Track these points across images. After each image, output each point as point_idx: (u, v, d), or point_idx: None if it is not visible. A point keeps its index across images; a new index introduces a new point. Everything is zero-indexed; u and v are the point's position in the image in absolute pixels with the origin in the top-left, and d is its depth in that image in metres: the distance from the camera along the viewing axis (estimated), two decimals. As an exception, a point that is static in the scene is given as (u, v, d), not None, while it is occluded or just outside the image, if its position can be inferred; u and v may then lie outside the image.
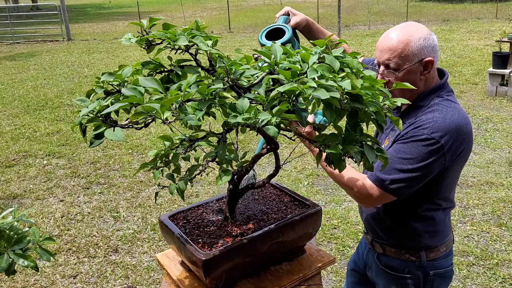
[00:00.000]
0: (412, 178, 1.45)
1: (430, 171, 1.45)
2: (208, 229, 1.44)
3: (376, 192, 1.48)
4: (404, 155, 1.45)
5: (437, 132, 1.42)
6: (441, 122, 1.44)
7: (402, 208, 1.58)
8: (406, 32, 1.48)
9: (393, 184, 1.46)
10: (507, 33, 7.07)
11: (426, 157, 1.43)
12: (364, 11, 17.88)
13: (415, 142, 1.44)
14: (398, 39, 1.47)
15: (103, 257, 3.38)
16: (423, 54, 1.48)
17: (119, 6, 30.81)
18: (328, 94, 1.02)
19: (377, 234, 1.69)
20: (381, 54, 1.51)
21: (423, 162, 1.43)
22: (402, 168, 1.44)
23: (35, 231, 1.03)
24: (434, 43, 1.50)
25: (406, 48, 1.46)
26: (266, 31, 1.71)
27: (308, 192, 4.22)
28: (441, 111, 1.47)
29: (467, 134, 1.47)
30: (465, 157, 1.52)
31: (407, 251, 1.63)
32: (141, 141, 5.80)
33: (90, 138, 1.07)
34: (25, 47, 15.16)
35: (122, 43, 1.18)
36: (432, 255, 1.63)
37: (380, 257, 1.71)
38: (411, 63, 1.47)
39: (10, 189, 4.60)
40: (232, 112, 1.07)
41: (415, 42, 1.46)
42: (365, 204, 1.57)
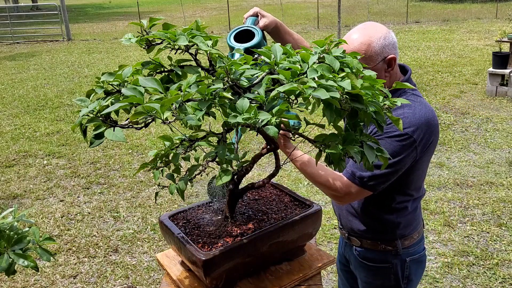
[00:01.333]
0: (388, 173, 1.49)
1: (404, 165, 1.51)
2: (208, 229, 1.44)
3: (353, 189, 1.51)
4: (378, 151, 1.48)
5: (410, 128, 1.47)
6: (412, 117, 1.48)
7: (375, 202, 1.63)
8: (367, 33, 1.52)
9: (370, 181, 1.49)
10: (507, 33, 7.07)
11: (400, 152, 1.47)
12: (364, 11, 17.89)
13: (389, 138, 1.48)
14: (360, 41, 1.52)
15: (103, 257, 3.38)
16: (385, 52, 1.52)
17: (119, 6, 30.81)
18: (328, 94, 1.02)
19: (352, 229, 1.74)
20: None
21: (398, 157, 1.47)
22: (378, 164, 1.46)
23: (35, 231, 1.03)
24: (394, 40, 1.55)
25: (369, 49, 1.51)
26: (235, 32, 1.66)
27: (308, 192, 4.22)
28: (410, 106, 1.51)
29: (435, 126, 1.54)
30: (433, 147, 1.58)
31: (383, 241, 1.68)
32: (141, 141, 5.80)
33: (90, 138, 1.07)
34: (25, 47, 15.16)
35: (122, 43, 1.18)
36: (406, 243, 1.68)
37: (358, 250, 1.75)
38: (376, 63, 1.52)
39: (10, 189, 4.60)
40: (232, 112, 1.07)
41: (376, 42, 1.51)
42: (342, 201, 1.60)
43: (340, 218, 1.80)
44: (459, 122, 5.88)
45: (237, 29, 1.68)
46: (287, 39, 1.79)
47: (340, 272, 2.00)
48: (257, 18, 1.73)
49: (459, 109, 6.40)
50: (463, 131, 5.59)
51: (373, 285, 1.77)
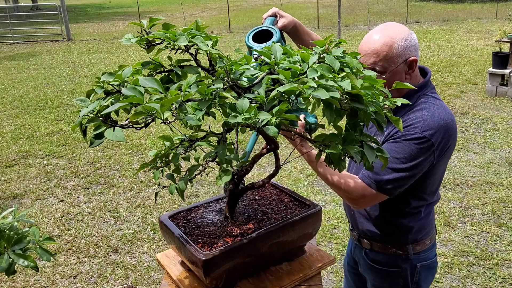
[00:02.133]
0: (405, 177, 1.46)
1: (421, 169, 1.48)
2: (208, 229, 1.44)
3: (369, 193, 1.48)
4: (396, 155, 1.46)
5: (428, 131, 1.45)
6: (430, 120, 1.46)
7: (389, 205, 1.60)
8: (388, 34, 1.49)
9: (387, 185, 1.46)
10: (507, 33, 7.07)
11: (418, 155, 1.45)
12: (364, 11, 17.89)
13: (406, 141, 1.46)
14: (381, 42, 1.49)
15: (103, 257, 3.38)
16: (407, 54, 1.50)
17: (119, 6, 30.81)
18: (328, 94, 1.02)
19: (363, 231, 1.71)
20: (366, 58, 1.51)
21: (415, 161, 1.45)
22: (395, 167, 1.45)
23: (35, 231, 1.03)
24: (415, 42, 1.53)
25: (390, 50, 1.48)
26: (253, 32, 1.67)
27: (308, 192, 4.22)
28: (428, 109, 1.49)
29: (453, 130, 1.51)
30: (450, 152, 1.55)
31: (394, 245, 1.66)
32: (141, 141, 5.80)
33: (90, 138, 1.07)
34: (25, 47, 15.16)
35: (122, 43, 1.18)
36: (418, 248, 1.66)
37: (368, 252, 1.73)
38: (397, 64, 1.49)
39: (10, 189, 4.60)
40: (232, 112, 1.07)
41: (398, 44, 1.48)
42: (358, 205, 1.56)
43: (351, 220, 1.78)
44: (459, 122, 5.88)
45: (255, 29, 1.68)
46: (306, 39, 1.80)
47: (347, 273, 1.97)
48: (275, 18, 1.74)
49: (459, 109, 6.40)
50: (463, 131, 5.59)
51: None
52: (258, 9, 23.42)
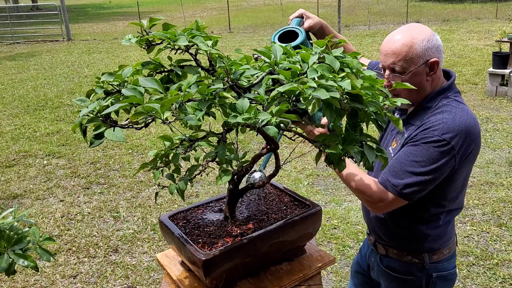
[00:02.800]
0: (425, 181, 1.42)
1: (441, 173, 1.43)
2: (208, 229, 1.44)
3: (388, 197, 1.45)
4: (415, 158, 1.43)
5: (448, 134, 1.41)
6: (451, 123, 1.42)
7: (407, 211, 1.55)
8: (410, 35, 1.47)
9: (406, 189, 1.43)
10: (507, 33, 7.07)
11: (437, 159, 1.41)
12: (364, 11, 17.89)
13: (426, 144, 1.42)
14: (402, 42, 1.46)
15: (103, 257, 3.38)
16: (427, 55, 1.46)
17: (119, 6, 30.82)
18: (328, 94, 1.02)
19: (380, 236, 1.68)
20: (386, 58, 1.50)
21: (435, 164, 1.41)
22: (414, 171, 1.42)
23: (35, 231, 1.03)
24: (438, 43, 1.49)
25: (410, 51, 1.45)
26: (279, 33, 1.69)
27: (308, 192, 4.22)
28: (450, 112, 1.45)
29: (476, 135, 1.46)
30: (473, 158, 1.50)
31: (410, 252, 1.61)
32: (141, 141, 5.80)
33: (90, 138, 1.07)
34: (25, 47, 15.16)
35: (122, 43, 1.18)
36: (435, 258, 1.61)
37: (383, 258, 1.69)
38: (417, 65, 1.46)
39: (10, 189, 4.60)
40: (232, 112, 1.07)
41: (419, 44, 1.45)
42: (377, 209, 1.52)
43: (368, 224, 1.74)
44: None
45: (282, 30, 1.70)
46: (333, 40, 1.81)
47: (354, 274, 1.94)
48: (302, 19, 1.76)
49: (459, 109, 6.39)
50: (463, 131, 5.58)
51: None
52: (258, 9, 23.42)
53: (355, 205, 3.93)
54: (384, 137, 1.68)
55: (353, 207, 3.91)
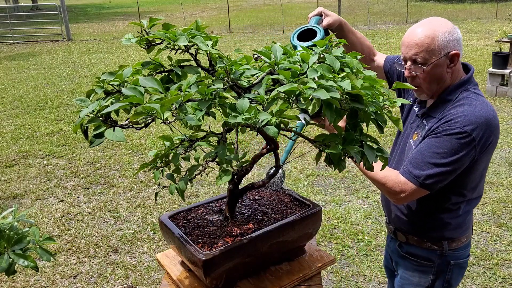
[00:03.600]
0: (446, 172, 1.47)
1: (462, 164, 1.48)
2: (208, 229, 1.44)
3: (410, 187, 1.49)
4: (437, 149, 1.47)
5: (469, 126, 1.44)
6: (472, 115, 1.46)
7: (429, 201, 1.59)
8: (431, 27, 1.50)
9: (427, 179, 1.47)
10: (507, 33, 7.07)
11: (458, 150, 1.45)
12: (364, 11, 17.89)
13: (447, 136, 1.46)
14: (424, 34, 1.49)
15: (103, 257, 3.38)
16: (449, 47, 1.49)
17: (119, 6, 30.81)
18: (328, 95, 1.02)
19: (399, 224, 1.72)
20: (408, 49, 1.53)
21: (456, 156, 1.45)
22: (436, 162, 1.46)
23: (35, 231, 1.03)
24: (459, 37, 1.52)
25: (432, 42, 1.48)
26: (298, 32, 1.71)
27: (308, 192, 4.22)
28: (470, 104, 1.49)
29: (495, 127, 1.50)
30: (492, 148, 1.54)
31: (430, 240, 1.65)
32: (141, 141, 5.80)
33: (90, 138, 1.07)
34: (25, 47, 15.16)
35: (122, 43, 1.18)
36: (454, 245, 1.65)
37: (402, 245, 1.74)
38: (438, 57, 1.49)
39: (10, 189, 4.60)
40: (232, 112, 1.07)
41: (440, 36, 1.48)
42: (398, 200, 1.56)
43: (388, 213, 1.79)
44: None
45: (300, 28, 1.72)
46: (351, 38, 1.83)
47: (385, 270, 2.00)
48: (320, 17, 1.77)
49: (459, 109, 6.39)
50: (463, 131, 5.58)
51: (408, 281, 1.74)
52: (258, 9, 23.42)
53: (355, 205, 3.93)
54: (404, 130, 1.72)
55: (353, 207, 3.91)
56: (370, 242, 3.39)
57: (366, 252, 3.28)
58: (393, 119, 1.20)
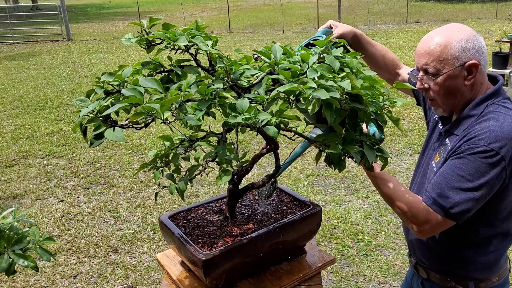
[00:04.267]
0: (474, 198, 1.28)
1: (491, 188, 1.28)
2: (208, 229, 1.44)
3: (434, 218, 1.31)
4: (461, 172, 1.28)
5: (496, 143, 1.26)
6: (499, 131, 1.27)
7: (453, 233, 1.40)
8: (446, 34, 1.35)
9: (454, 208, 1.28)
10: (507, 33, 7.07)
11: (486, 171, 1.26)
12: (364, 11, 17.89)
13: (472, 155, 1.27)
14: (436, 42, 1.35)
15: (103, 257, 3.38)
16: (465, 57, 1.33)
17: (119, 6, 30.82)
18: (328, 94, 1.02)
19: (420, 258, 1.55)
20: (419, 58, 1.39)
21: (484, 178, 1.26)
22: (461, 187, 1.28)
23: (35, 231, 1.03)
24: (479, 45, 1.35)
25: (444, 51, 1.33)
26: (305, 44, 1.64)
27: (308, 192, 4.22)
28: (497, 119, 1.30)
29: None
30: None
31: (454, 278, 1.47)
32: (141, 141, 5.80)
33: (90, 138, 1.07)
34: (25, 47, 15.16)
35: (122, 43, 1.18)
36: (482, 285, 1.45)
37: (424, 282, 1.56)
38: (452, 67, 1.33)
39: (10, 189, 4.60)
40: (232, 112, 1.07)
41: (455, 44, 1.33)
42: (423, 233, 1.36)
43: (409, 245, 1.60)
44: (459, 122, 5.88)
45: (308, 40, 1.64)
46: (370, 50, 1.69)
47: None
48: (330, 29, 1.67)
49: (459, 109, 6.39)
50: (463, 131, 5.58)
51: None
52: (258, 9, 23.42)
53: (355, 205, 3.93)
54: (427, 150, 1.56)
55: (353, 207, 3.91)
56: (370, 242, 3.39)
57: (366, 252, 3.28)
58: (393, 119, 1.20)
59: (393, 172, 4.52)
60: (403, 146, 5.17)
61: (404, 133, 5.56)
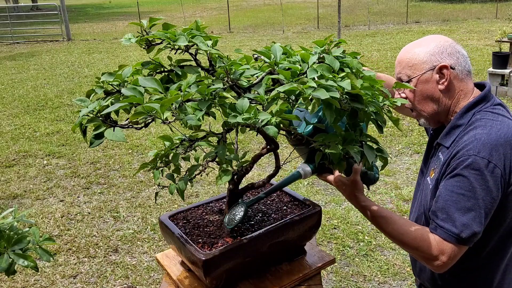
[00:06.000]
0: (480, 215, 1.21)
1: (493, 199, 1.22)
2: (208, 229, 1.44)
3: (447, 247, 1.22)
4: (459, 190, 1.22)
5: (485, 151, 1.20)
6: (486, 138, 1.22)
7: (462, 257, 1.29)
8: (418, 43, 1.39)
9: (464, 231, 1.20)
10: (507, 33, 7.07)
11: (483, 182, 1.20)
12: (364, 11, 17.89)
13: (465, 169, 1.21)
14: (407, 50, 1.39)
15: (103, 257, 3.38)
16: (434, 60, 1.33)
17: (119, 6, 30.82)
18: (328, 94, 1.02)
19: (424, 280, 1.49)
20: (395, 69, 1.42)
21: (484, 190, 1.20)
22: (465, 206, 1.20)
23: (35, 231, 1.03)
24: (452, 50, 1.34)
25: (413, 57, 1.36)
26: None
27: (308, 192, 4.22)
28: (484, 126, 1.26)
29: None
30: None
31: None
32: (141, 141, 5.80)
33: (90, 138, 1.07)
34: (25, 47, 15.16)
35: (122, 43, 1.18)
36: None
37: None
38: (422, 72, 1.34)
39: (10, 189, 4.60)
40: (232, 112, 1.07)
41: (423, 50, 1.35)
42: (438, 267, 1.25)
43: (413, 265, 1.55)
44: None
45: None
46: None
47: None
48: None
49: (459, 109, 6.39)
50: (463, 131, 5.58)
51: None
52: (258, 9, 23.42)
53: (355, 205, 3.93)
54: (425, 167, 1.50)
55: (353, 207, 3.91)
56: (370, 242, 3.39)
57: (366, 252, 3.28)
58: (393, 119, 1.20)
59: (393, 172, 4.52)
60: (403, 146, 5.17)
61: (404, 133, 5.56)
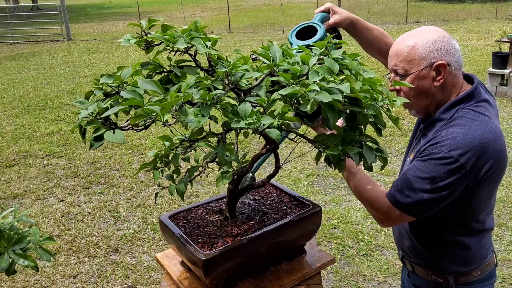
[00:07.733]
0: (431, 200, 1.32)
1: (451, 192, 1.31)
2: (208, 229, 1.44)
3: (394, 213, 1.37)
4: (422, 174, 1.32)
5: (456, 150, 1.27)
6: (462, 138, 1.28)
7: (429, 230, 1.46)
8: (415, 36, 1.38)
9: (411, 207, 1.34)
10: (507, 33, 7.07)
11: (444, 177, 1.28)
12: (364, 11, 17.88)
13: (432, 160, 1.30)
14: (405, 43, 1.38)
15: (103, 257, 3.39)
16: (432, 57, 1.34)
17: (119, 6, 30.81)
18: (330, 97, 1.02)
19: (405, 250, 1.59)
20: (390, 60, 1.42)
21: (442, 182, 1.29)
22: (420, 188, 1.31)
23: (35, 231, 1.03)
24: (449, 46, 1.36)
25: (412, 51, 1.35)
26: (298, 29, 1.57)
27: (308, 192, 4.22)
28: (463, 125, 1.31)
29: (495, 152, 1.30)
30: (495, 177, 1.34)
31: (434, 272, 1.50)
32: (141, 141, 5.80)
33: (89, 140, 1.08)
34: (25, 47, 15.16)
35: (121, 44, 1.19)
36: (462, 279, 1.47)
37: (410, 275, 1.60)
38: (419, 68, 1.35)
39: (10, 189, 4.60)
40: (235, 117, 1.07)
41: (422, 45, 1.35)
42: (383, 224, 1.47)
43: (395, 238, 1.66)
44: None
45: (301, 25, 1.58)
46: (366, 36, 1.67)
47: None
48: (328, 14, 1.61)
49: (459, 109, 6.39)
50: (463, 131, 5.58)
51: None
52: (258, 9, 23.42)
53: (355, 205, 3.93)
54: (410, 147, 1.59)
55: (353, 207, 3.91)
56: (370, 241, 3.40)
57: (366, 251, 3.28)
58: (393, 118, 1.20)
59: (392, 172, 4.52)
60: (402, 146, 5.17)
61: (403, 132, 5.56)
